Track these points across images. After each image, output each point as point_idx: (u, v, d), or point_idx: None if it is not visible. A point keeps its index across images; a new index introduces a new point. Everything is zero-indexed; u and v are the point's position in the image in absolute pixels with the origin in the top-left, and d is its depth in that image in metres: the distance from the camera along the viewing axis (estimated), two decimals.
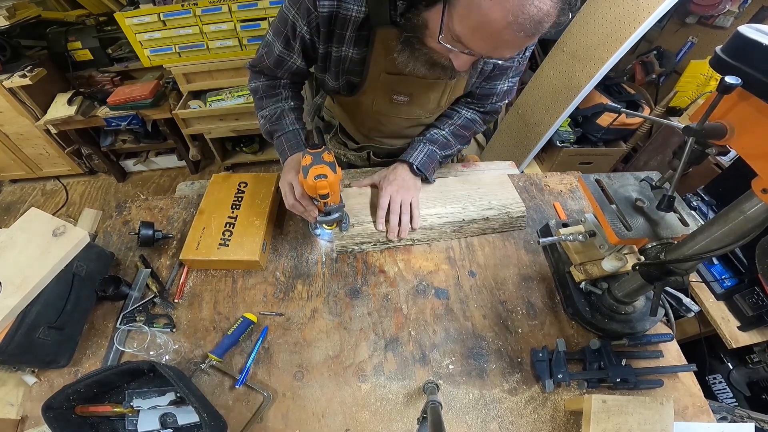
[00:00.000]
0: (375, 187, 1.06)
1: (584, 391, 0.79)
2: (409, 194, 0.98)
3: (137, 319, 0.88)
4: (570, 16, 0.61)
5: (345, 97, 1.03)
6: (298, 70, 0.95)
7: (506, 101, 1.09)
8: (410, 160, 1.01)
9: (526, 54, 0.96)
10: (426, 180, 1.05)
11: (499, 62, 0.79)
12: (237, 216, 1.00)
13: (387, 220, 0.98)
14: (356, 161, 1.29)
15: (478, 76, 0.97)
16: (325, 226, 0.98)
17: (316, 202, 0.88)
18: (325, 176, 0.78)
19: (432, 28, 0.68)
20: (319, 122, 1.32)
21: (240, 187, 1.07)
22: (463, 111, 1.09)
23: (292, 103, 1.02)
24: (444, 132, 1.07)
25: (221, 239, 0.96)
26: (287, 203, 0.91)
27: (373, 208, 1.01)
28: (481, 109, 1.09)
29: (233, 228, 0.98)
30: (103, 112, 2.46)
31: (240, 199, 1.04)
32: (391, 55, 0.80)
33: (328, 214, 0.90)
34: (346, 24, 0.80)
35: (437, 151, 1.05)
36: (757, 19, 1.92)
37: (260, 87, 1.01)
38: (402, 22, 0.74)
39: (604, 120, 2.17)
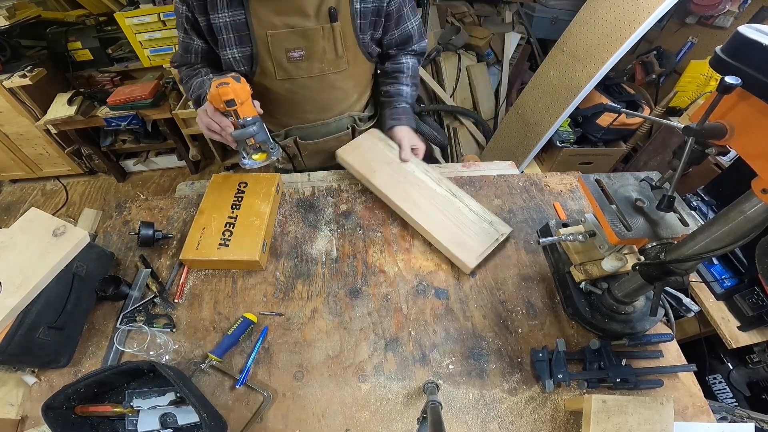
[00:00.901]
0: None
1: (584, 391, 0.79)
2: (418, 139, 1.21)
3: (137, 319, 0.88)
4: None
5: (253, 80, 1.05)
6: (203, 51, 1.05)
7: (425, 41, 1.23)
8: (408, 124, 1.21)
9: None
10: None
11: None
12: (237, 216, 1.00)
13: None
14: (285, 163, 1.31)
15: (361, 20, 1.02)
16: (253, 156, 0.97)
17: (229, 118, 0.89)
18: (228, 83, 0.83)
19: None
20: None
21: (240, 187, 1.07)
22: (406, 60, 1.22)
23: (210, 75, 1.07)
24: (409, 86, 1.23)
25: (221, 239, 0.96)
26: (202, 125, 0.94)
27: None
28: (412, 53, 1.23)
29: (233, 228, 0.98)
30: (103, 112, 2.46)
31: (240, 199, 1.04)
32: (267, 10, 0.92)
33: (242, 127, 0.89)
34: None
35: (411, 105, 1.25)
36: (757, 19, 1.92)
37: (183, 75, 1.11)
38: None
39: (604, 120, 2.17)
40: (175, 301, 0.93)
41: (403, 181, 1.09)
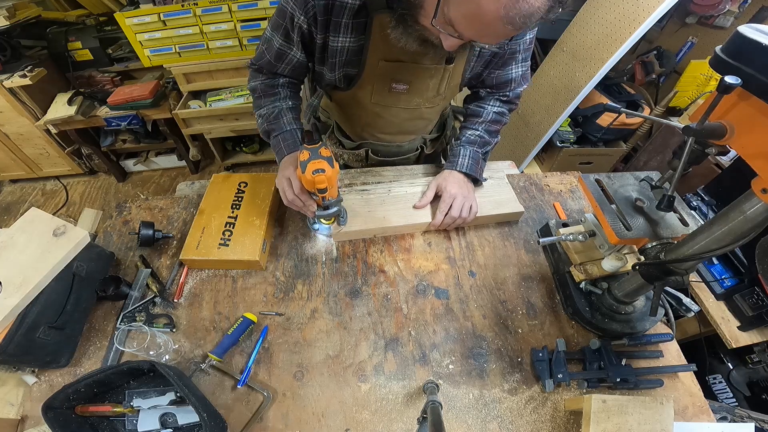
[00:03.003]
0: (435, 198, 1.06)
1: (584, 391, 0.79)
2: (471, 196, 1.04)
3: (137, 319, 0.88)
4: (559, 11, 0.63)
5: (342, 92, 1.03)
6: (298, 64, 0.96)
7: (525, 86, 1.11)
8: (458, 168, 1.05)
9: (530, 37, 0.99)
10: (477, 182, 1.09)
11: (486, 47, 0.88)
12: (237, 216, 1.00)
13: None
14: (352, 162, 1.29)
15: (476, 61, 0.98)
16: (323, 221, 0.99)
17: (314, 197, 0.89)
18: (323, 170, 0.79)
19: (427, 9, 0.71)
20: (315, 123, 1.33)
21: (240, 187, 1.07)
22: (489, 106, 1.11)
23: (290, 103, 1.02)
24: (478, 131, 1.11)
25: (221, 239, 0.96)
26: (286, 199, 0.92)
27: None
28: (504, 98, 1.12)
29: (233, 228, 0.98)
30: (103, 112, 2.46)
31: (240, 199, 1.04)
32: (388, 40, 0.82)
33: (326, 208, 0.91)
34: (342, 11, 0.81)
35: (478, 150, 1.09)
36: (757, 19, 1.92)
37: (259, 86, 1.01)
38: (397, 4, 0.77)
39: (604, 120, 2.17)
40: (175, 300, 0.93)
41: (402, 207, 1.05)
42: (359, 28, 0.85)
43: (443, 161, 1.21)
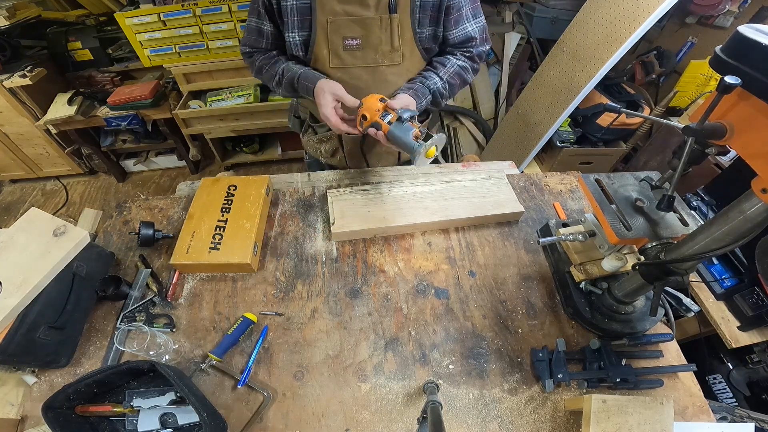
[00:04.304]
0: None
1: (584, 391, 0.79)
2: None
3: (137, 319, 0.88)
4: None
5: (306, 66, 1.06)
6: (273, 36, 1.06)
7: (487, 47, 1.16)
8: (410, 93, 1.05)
9: None
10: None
11: None
12: (227, 219, 1.00)
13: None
14: (328, 156, 1.28)
15: (420, 13, 1.00)
16: (428, 151, 0.86)
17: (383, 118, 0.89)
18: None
19: None
20: (296, 122, 1.36)
21: (229, 190, 1.07)
22: (453, 59, 1.13)
23: (292, 61, 1.08)
24: (443, 79, 1.10)
25: (212, 243, 0.95)
26: (339, 117, 0.96)
27: None
28: (467, 54, 1.14)
29: (224, 231, 0.98)
30: (103, 112, 2.46)
31: (230, 202, 1.04)
32: None
33: (399, 120, 0.86)
34: None
35: (428, 97, 1.08)
36: (757, 19, 1.92)
37: (258, 62, 1.10)
38: None
39: (604, 120, 2.17)
40: (170, 301, 0.92)
41: (405, 207, 1.06)
42: None
43: (442, 161, 1.20)
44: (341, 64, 1.04)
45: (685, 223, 0.75)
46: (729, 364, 1.44)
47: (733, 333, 1.28)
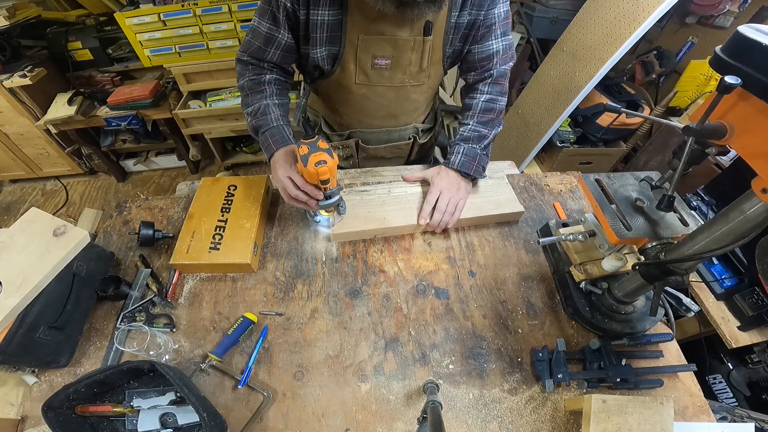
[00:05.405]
0: (425, 184, 1.10)
1: (584, 390, 0.79)
2: (458, 195, 1.02)
3: (137, 318, 0.88)
4: None
5: (327, 78, 1.04)
6: (286, 47, 0.97)
7: (510, 63, 1.10)
8: (451, 166, 1.05)
9: (505, 10, 1.00)
10: (475, 180, 1.08)
11: (466, 12, 0.93)
12: (227, 219, 1.00)
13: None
14: (342, 161, 1.28)
15: (453, 34, 0.99)
16: (323, 212, 1.01)
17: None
18: (325, 162, 0.81)
19: None
20: (304, 123, 1.34)
21: (229, 190, 1.06)
22: (478, 95, 1.10)
23: (276, 100, 1.02)
24: (470, 125, 1.09)
25: (212, 243, 0.95)
26: (288, 196, 0.91)
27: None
28: (489, 79, 1.09)
29: (223, 231, 0.97)
30: (103, 112, 2.46)
31: (230, 202, 1.04)
32: (365, 12, 0.87)
33: (328, 198, 0.91)
34: None
35: (474, 146, 1.06)
36: (757, 19, 1.92)
37: (246, 84, 1.02)
38: None
39: (604, 120, 2.17)
40: (170, 301, 0.92)
41: (405, 207, 1.05)
42: (337, 2, 0.90)
43: (442, 160, 1.20)
44: (367, 81, 1.02)
45: (685, 223, 0.75)
46: (729, 364, 1.44)
47: (733, 333, 1.28)
